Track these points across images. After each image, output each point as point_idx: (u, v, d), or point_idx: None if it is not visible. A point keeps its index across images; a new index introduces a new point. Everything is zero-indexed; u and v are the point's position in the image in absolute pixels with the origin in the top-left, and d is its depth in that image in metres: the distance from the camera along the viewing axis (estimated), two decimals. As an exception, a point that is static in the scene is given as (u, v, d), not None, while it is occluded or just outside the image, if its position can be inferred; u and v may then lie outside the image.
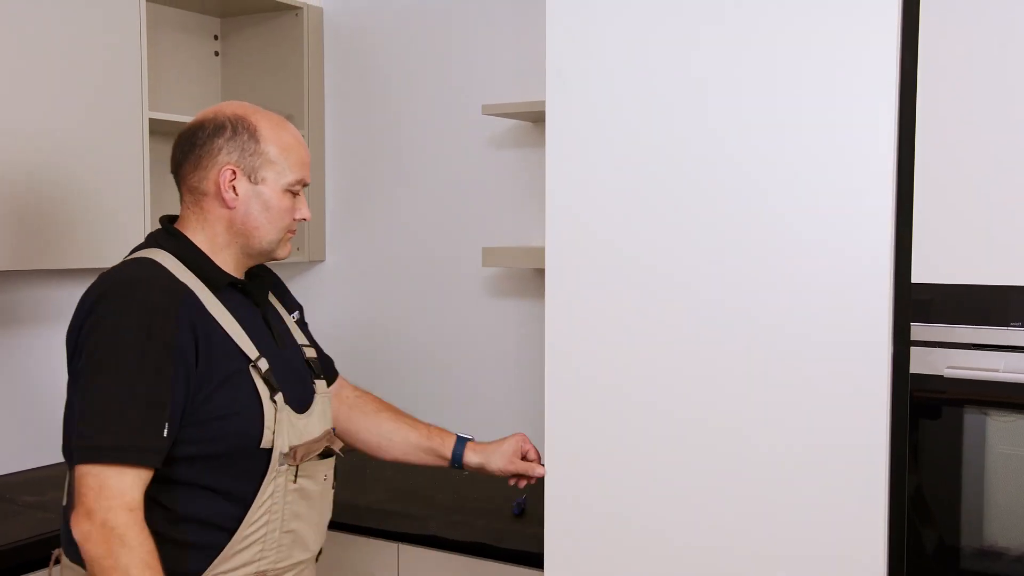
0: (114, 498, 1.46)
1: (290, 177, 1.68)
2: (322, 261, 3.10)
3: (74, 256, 2.39)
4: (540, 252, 2.55)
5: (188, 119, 2.71)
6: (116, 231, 2.47)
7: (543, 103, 2.52)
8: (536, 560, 2.11)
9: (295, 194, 1.70)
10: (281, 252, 1.73)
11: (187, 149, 1.69)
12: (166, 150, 2.89)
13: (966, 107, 1.69)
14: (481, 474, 2.01)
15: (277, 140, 1.67)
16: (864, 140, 1.74)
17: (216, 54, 3.11)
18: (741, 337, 1.86)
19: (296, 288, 2.34)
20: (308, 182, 1.72)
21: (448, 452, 1.97)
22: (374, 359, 3.03)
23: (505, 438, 2.01)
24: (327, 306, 3.07)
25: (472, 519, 2.25)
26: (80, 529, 1.46)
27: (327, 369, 1.98)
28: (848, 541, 1.79)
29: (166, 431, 1.51)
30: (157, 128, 2.69)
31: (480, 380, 2.89)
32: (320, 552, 1.83)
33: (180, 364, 1.53)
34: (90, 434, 1.49)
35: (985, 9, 1.67)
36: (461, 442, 1.98)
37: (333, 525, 1.89)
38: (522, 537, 2.15)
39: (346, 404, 2.03)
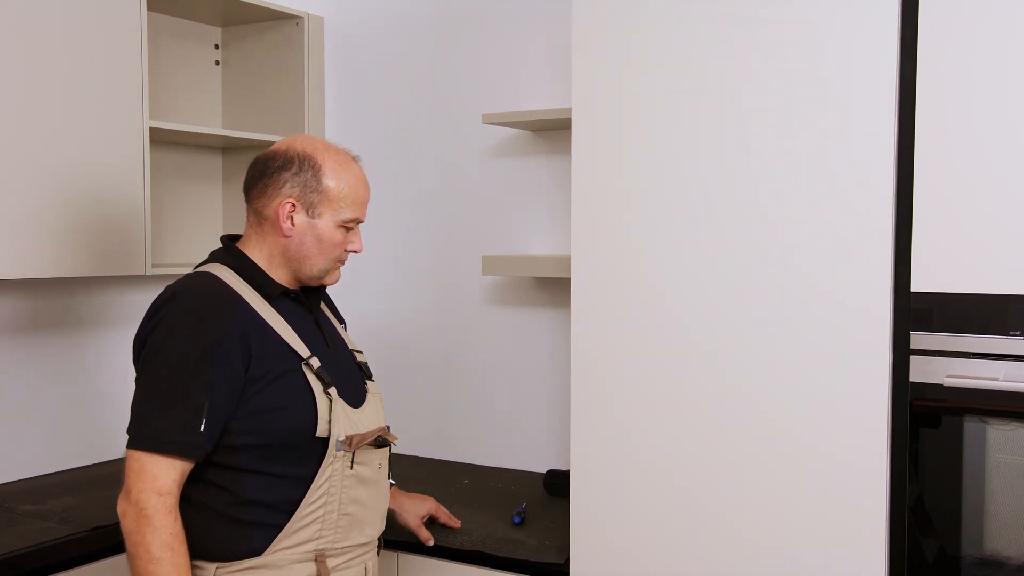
0: (148, 482, 1.63)
1: (346, 215, 1.81)
2: (322, 269, 3.10)
3: (73, 264, 2.40)
4: (540, 261, 2.56)
5: (189, 128, 2.74)
6: (117, 238, 2.48)
7: (543, 112, 2.55)
8: (536, 569, 2.11)
9: (349, 229, 1.84)
10: (330, 279, 1.88)
11: (257, 175, 1.82)
12: (167, 158, 2.92)
13: (965, 118, 1.69)
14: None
15: (338, 179, 1.80)
16: (864, 151, 1.75)
17: (217, 63, 3.12)
18: (741, 346, 1.87)
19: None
20: (363, 220, 1.86)
21: None
22: (372, 366, 3.02)
23: (424, 498, 2.24)
24: (327, 314, 3.07)
25: (472, 528, 2.25)
26: (121, 505, 1.65)
27: None
28: (849, 551, 1.79)
29: (203, 426, 1.66)
30: (158, 137, 2.70)
31: (479, 387, 2.89)
32: (381, 545, 1.96)
33: (222, 366, 1.67)
34: (136, 423, 1.68)
35: (983, 22, 1.67)
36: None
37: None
38: (522, 546, 2.15)
39: None
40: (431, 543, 2.18)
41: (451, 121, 2.89)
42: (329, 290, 2.06)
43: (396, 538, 2.24)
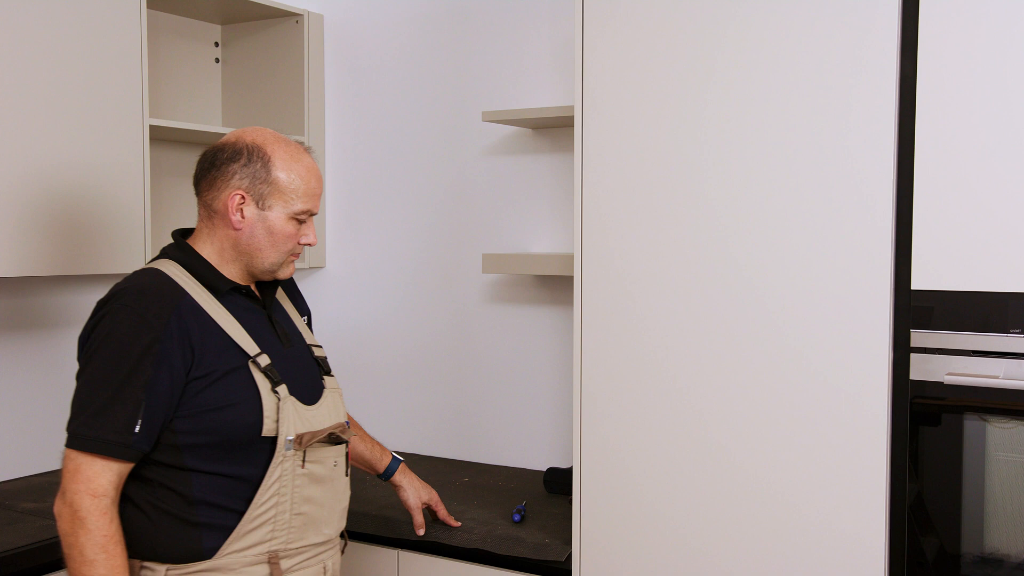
0: (82, 483, 1.61)
1: (297, 206, 1.77)
2: (322, 267, 3.10)
3: (74, 262, 2.40)
4: (540, 259, 2.56)
5: (189, 126, 2.74)
6: (116, 236, 2.47)
7: (544, 110, 2.55)
8: (536, 567, 2.12)
9: (301, 221, 1.79)
10: (283, 273, 1.83)
11: (206, 168, 1.78)
12: (167, 156, 2.92)
13: (965, 116, 1.69)
14: (393, 490, 2.22)
15: (288, 171, 1.76)
16: (864, 149, 1.75)
17: (217, 61, 3.11)
18: (741, 344, 1.87)
19: (296, 294, 2.34)
20: (315, 212, 1.81)
21: (382, 468, 2.18)
22: (373, 364, 3.03)
23: (429, 487, 2.25)
24: (327, 311, 3.06)
25: (472, 526, 2.25)
26: (57, 506, 1.63)
27: None
28: (849, 548, 1.79)
29: (138, 427, 1.63)
30: (158, 134, 2.70)
31: (479, 385, 2.89)
32: (346, 542, 1.94)
33: (162, 365, 1.64)
34: (73, 422, 1.65)
35: (983, 22, 1.67)
36: (396, 461, 2.19)
37: (333, 532, 1.89)
38: (522, 544, 2.15)
39: None
40: (422, 531, 2.18)
41: (451, 119, 2.89)
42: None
43: (396, 536, 2.24)
